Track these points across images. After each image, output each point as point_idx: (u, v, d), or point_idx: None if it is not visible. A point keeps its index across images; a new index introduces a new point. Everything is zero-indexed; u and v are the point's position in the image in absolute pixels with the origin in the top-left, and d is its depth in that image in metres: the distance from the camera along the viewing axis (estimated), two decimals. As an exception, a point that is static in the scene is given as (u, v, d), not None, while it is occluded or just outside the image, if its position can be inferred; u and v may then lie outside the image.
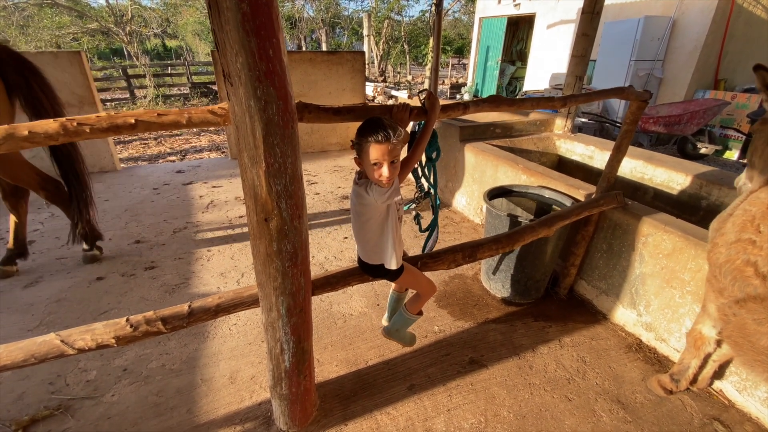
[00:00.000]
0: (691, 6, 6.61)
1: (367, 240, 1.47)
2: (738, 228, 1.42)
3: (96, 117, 1.07)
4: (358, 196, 1.39)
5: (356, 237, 1.51)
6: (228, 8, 0.91)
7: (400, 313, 1.78)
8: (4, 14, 13.94)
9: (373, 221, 1.42)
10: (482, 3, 11.80)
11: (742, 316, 1.42)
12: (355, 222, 1.47)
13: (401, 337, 1.85)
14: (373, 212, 1.39)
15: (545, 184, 2.70)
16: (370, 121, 1.28)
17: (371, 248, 1.48)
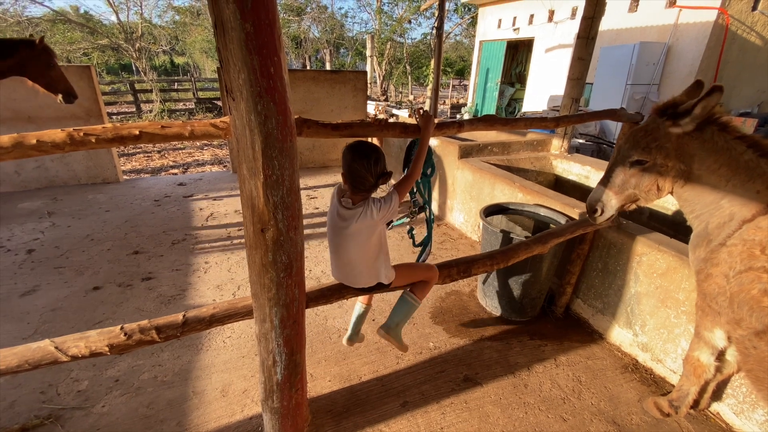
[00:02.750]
0: (685, 33, 6.80)
1: (361, 263, 1.46)
2: (746, 257, 1.38)
3: (102, 128, 1.11)
4: (352, 218, 1.40)
5: (345, 265, 1.48)
6: (232, 28, 0.96)
7: (402, 301, 1.70)
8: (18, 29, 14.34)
9: (374, 240, 1.44)
10: (482, 27, 12.14)
11: (762, 349, 1.37)
12: (350, 247, 1.43)
13: (399, 336, 1.79)
14: (372, 231, 1.42)
15: (541, 202, 2.73)
16: None
17: (367, 271, 1.49)
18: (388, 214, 1.41)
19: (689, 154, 1.52)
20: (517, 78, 12.70)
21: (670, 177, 1.58)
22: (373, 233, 1.43)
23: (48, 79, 3.58)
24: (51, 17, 14.27)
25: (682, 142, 1.52)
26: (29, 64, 3.47)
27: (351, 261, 1.47)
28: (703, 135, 1.48)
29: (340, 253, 1.47)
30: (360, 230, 1.41)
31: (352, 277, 1.51)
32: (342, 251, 1.47)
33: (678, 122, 1.49)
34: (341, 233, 1.44)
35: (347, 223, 1.42)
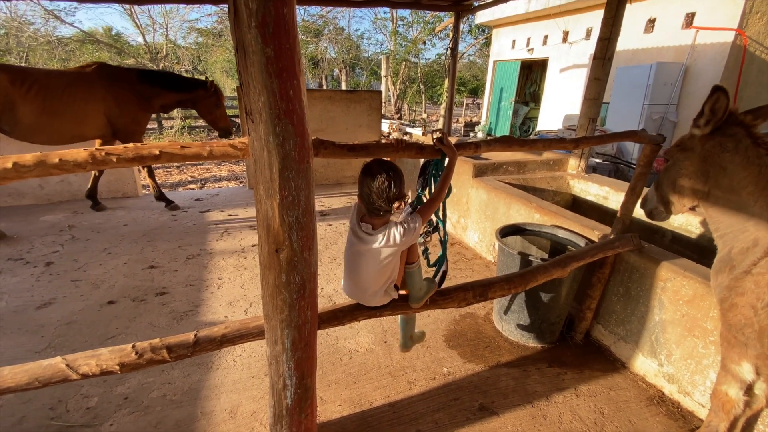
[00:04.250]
0: (703, 53, 6.74)
1: (377, 285, 1.45)
2: None
3: (123, 147, 1.13)
4: (372, 242, 1.39)
5: (360, 286, 1.47)
6: (254, 52, 0.97)
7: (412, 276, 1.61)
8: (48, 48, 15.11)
9: (393, 263, 1.43)
10: (496, 47, 12.28)
11: None
12: (369, 270, 1.42)
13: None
14: (393, 256, 1.41)
15: (559, 223, 2.67)
16: None
17: (382, 292, 1.47)
18: (410, 239, 1.39)
19: (718, 164, 1.47)
20: (531, 97, 12.72)
21: (690, 181, 1.55)
22: (393, 258, 1.41)
23: (213, 116, 4.33)
24: (80, 37, 15.01)
25: (711, 151, 1.48)
26: (201, 102, 4.23)
27: (367, 283, 1.45)
28: (736, 147, 1.42)
29: (357, 273, 1.45)
30: (379, 254, 1.39)
31: (368, 297, 1.49)
32: (358, 272, 1.45)
33: (697, 123, 1.49)
34: (359, 255, 1.43)
35: (366, 247, 1.40)
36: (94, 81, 3.85)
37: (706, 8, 6.63)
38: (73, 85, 3.72)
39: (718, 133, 1.45)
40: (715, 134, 1.46)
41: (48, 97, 3.57)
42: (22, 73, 3.53)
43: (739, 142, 1.40)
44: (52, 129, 3.69)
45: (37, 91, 3.51)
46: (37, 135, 3.65)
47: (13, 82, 3.42)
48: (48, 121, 3.62)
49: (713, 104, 1.42)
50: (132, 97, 3.99)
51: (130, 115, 4.03)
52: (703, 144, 1.49)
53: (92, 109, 3.82)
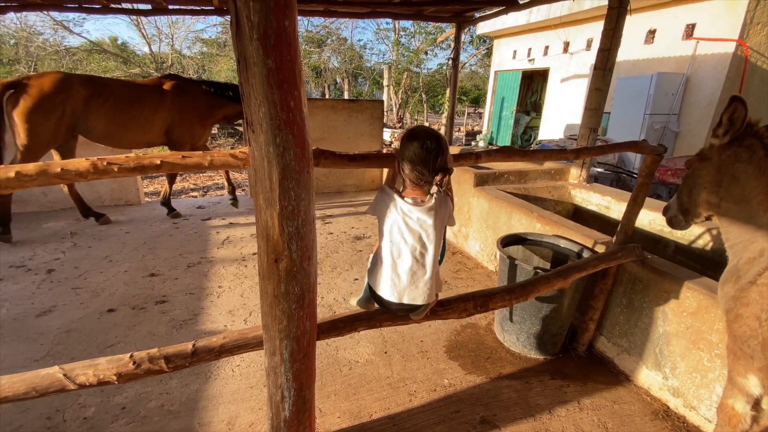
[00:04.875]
0: (703, 64, 6.77)
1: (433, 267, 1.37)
2: None
3: (125, 157, 1.13)
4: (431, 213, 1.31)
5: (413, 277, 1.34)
6: (255, 63, 0.98)
7: None
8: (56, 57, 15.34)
9: (438, 241, 1.37)
10: (498, 58, 12.38)
11: None
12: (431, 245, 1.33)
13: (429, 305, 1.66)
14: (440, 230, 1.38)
15: (561, 233, 2.66)
16: None
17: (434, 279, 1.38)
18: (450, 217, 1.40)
19: (731, 174, 1.48)
20: (532, 106, 12.79)
21: (706, 191, 1.56)
22: (441, 231, 1.38)
23: None
24: (88, 47, 15.24)
25: (726, 160, 1.48)
26: None
27: (427, 264, 1.35)
28: (750, 157, 1.43)
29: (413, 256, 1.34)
30: (436, 224, 1.33)
31: (422, 286, 1.36)
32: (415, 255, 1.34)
33: (715, 132, 1.50)
34: (415, 233, 1.33)
35: (423, 218, 1.31)
36: (163, 93, 4.13)
37: (706, 19, 6.68)
38: (144, 96, 4.04)
39: (734, 144, 1.46)
40: (732, 144, 1.47)
41: (119, 109, 3.90)
42: (100, 86, 3.86)
43: (754, 152, 1.41)
44: (120, 137, 4.03)
45: (111, 102, 3.84)
46: (108, 140, 4.02)
47: (91, 94, 3.77)
48: (117, 130, 3.96)
49: (731, 114, 1.43)
50: (195, 109, 4.26)
51: (187, 126, 4.27)
52: (719, 154, 1.50)
53: (158, 119, 4.10)
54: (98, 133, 3.91)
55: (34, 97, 3.50)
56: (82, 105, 3.72)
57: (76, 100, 3.69)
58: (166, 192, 4.67)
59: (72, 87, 3.67)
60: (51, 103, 3.56)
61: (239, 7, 0.94)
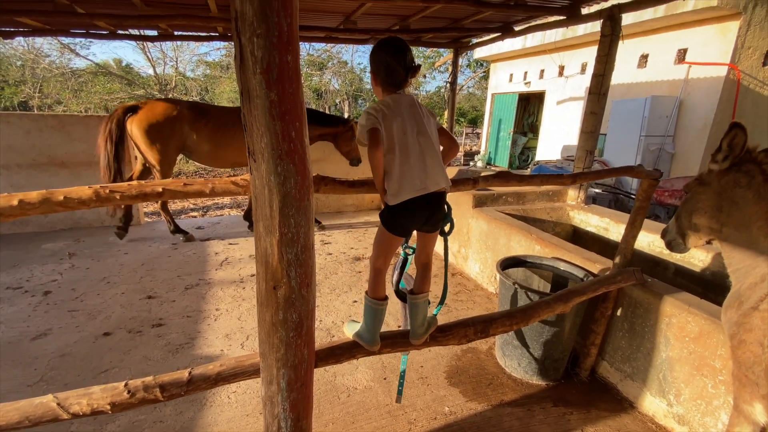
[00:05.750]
0: (696, 87, 6.93)
1: (434, 158, 1.41)
2: None
3: (127, 185, 1.15)
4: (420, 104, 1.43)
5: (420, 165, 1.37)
6: (258, 96, 1.01)
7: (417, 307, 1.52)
8: (62, 79, 15.63)
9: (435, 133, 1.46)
10: (494, 80, 12.66)
11: None
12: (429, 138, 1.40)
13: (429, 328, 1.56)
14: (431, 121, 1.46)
15: (560, 255, 2.66)
16: None
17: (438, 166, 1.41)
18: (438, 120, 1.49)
19: (731, 199, 1.49)
20: (529, 128, 12.99)
21: (706, 215, 1.57)
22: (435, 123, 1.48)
23: (347, 149, 4.91)
24: (93, 69, 15.56)
25: (725, 186, 1.50)
26: (340, 137, 4.81)
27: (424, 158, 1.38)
28: (749, 183, 1.45)
29: (428, 140, 1.40)
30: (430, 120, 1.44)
31: (431, 175, 1.37)
32: (428, 138, 1.40)
33: (715, 158, 1.52)
34: (420, 116, 1.41)
35: (416, 102, 1.42)
36: None
37: (697, 44, 6.88)
38: (239, 120, 4.36)
39: (734, 169, 1.48)
40: (731, 170, 1.49)
41: (219, 131, 4.28)
42: (204, 111, 4.31)
43: (753, 178, 1.43)
44: (220, 156, 4.39)
45: (212, 126, 4.24)
46: (209, 160, 4.41)
47: (196, 118, 4.19)
48: (216, 151, 4.33)
49: (731, 140, 1.46)
50: None
51: None
52: (719, 179, 1.52)
53: None
54: (201, 153, 4.31)
55: (150, 120, 3.99)
56: (189, 127, 4.16)
57: (184, 122, 4.13)
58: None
59: (181, 111, 4.13)
60: (164, 125, 4.04)
61: (243, 42, 0.98)
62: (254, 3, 0.94)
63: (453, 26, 4.86)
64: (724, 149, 1.50)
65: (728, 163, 1.50)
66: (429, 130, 1.41)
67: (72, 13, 3.71)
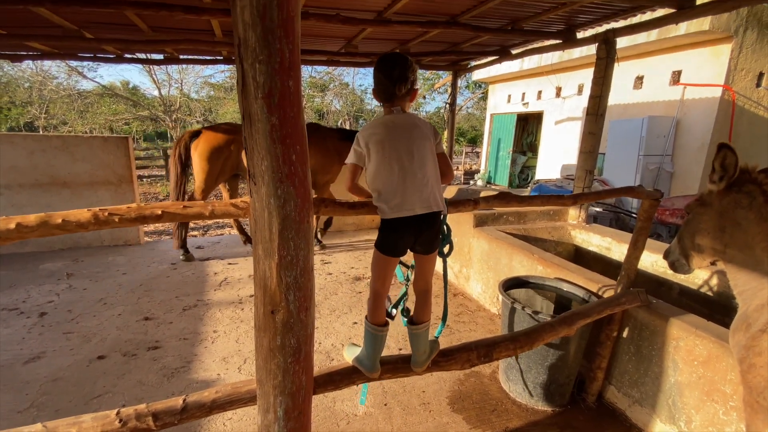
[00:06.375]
0: (692, 107, 7.03)
1: (426, 179, 1.40)
2: None
3: (126, 207, 1.14)
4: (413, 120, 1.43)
5: (412, 185, 1.37)
6: (259, 120, 1.02)
7: (418, 337, 1.49)
8: (68, 100, 15.93)
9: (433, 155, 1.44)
10: (493, 101, 12.88)
11: None
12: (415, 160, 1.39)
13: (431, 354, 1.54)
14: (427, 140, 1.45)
15: (563, 276, 2.63)
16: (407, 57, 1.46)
17: (427, 187, 1.39)
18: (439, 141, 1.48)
19: (733, 220, 1.48)
20: (528, 147, 13.12)
21: (709, 236, 1.55)
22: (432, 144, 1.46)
23: None
24: (99, 91, 15.87)
25: (726, 207, 1.49)
26: None
27: (415, 178, 1.38)
28: (750, 204, 1.44)
29: (408, 170, 1.38)
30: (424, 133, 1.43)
31: (424, 195, 1.38)
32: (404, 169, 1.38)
33: (711, 179, 1.52)
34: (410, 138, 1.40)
35: (412, 123, 1.42)
36: None
37: (691, 66, 7.03)
38: None
39: (734, 190, 1.48)
40: (731, 190, 1.48)
41: None
42: None
43: (754, 199, 1.42)
44: None
45: None
46: None
47: None
48: None
49: (722, 161, 1.46)
50: (332, 152, 4.71)
51: (326, 167, 4.72)
52: (720, 200, 1.52)
53: None
54: None
55: (209, 143, 4.29)
56: (237, 150, 4.35)
57: (240, 145, 4.27)
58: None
59: (238, 133, 4.33)
60: (220, 148, 4.32)
61: (246, 68, 0.99)
62: (257, 30, 0.96)
63: (451, 50, 4.97)
64: (717, 170, 1.50)
65: (725, 184, 1.50)
66: (420, 152, 1.41)
67: (80, 38, 3.81)
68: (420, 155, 1.40)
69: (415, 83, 1.45)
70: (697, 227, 1.63)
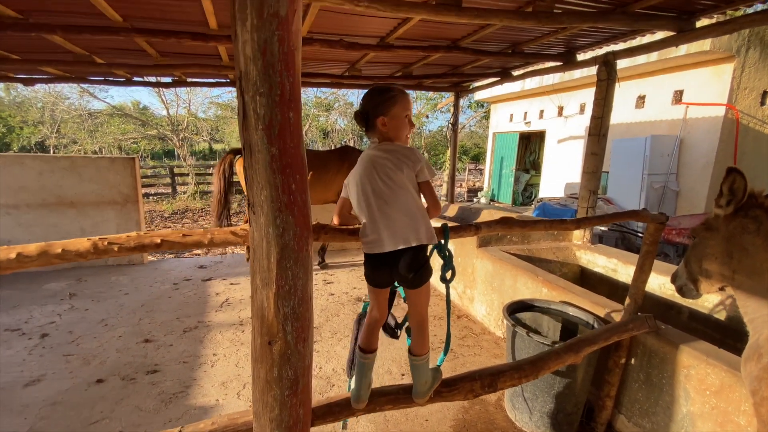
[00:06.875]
0: (695, 126, 7.03)
1: (398, 214, 1.34)
2: None
3: (126, 236, 1.14)
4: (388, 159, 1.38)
5: (382, 222, 1.33)
6: (259, 150, 1.02)
7: (417, 368, 1.45)
8: (79, 120, 16.31)
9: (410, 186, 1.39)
10: (495, 120, 12.99)
11: None
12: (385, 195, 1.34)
13: (433, 385, 1.49)
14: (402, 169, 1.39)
15: (568, 299, 2.58)
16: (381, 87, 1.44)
17: (405, 221, 1.33)
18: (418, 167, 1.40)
19: (741, 246, 1.45)
20: (531, 165, 13.15)
21: (716, 262, 1.52)
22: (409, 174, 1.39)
23: None
24: (109, 111, 16.26)
25: (733, 232, 1.47)
26: None
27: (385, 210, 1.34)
28: (758, 229, 1.41)
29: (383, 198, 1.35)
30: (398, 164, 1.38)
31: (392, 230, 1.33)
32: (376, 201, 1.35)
33: (718, 203, 1.50)
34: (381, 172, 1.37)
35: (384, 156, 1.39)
36: (338, 159, 4.85)
37: (693, 86, 7.06)
38: (329, 163, 4.80)
39: (741, 214, 1.46)
40: (738, 215, 1.46)
41: (311, 173, 4.68)
42: None
43: (761, 224, 1.40)
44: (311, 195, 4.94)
45: None
46: None
47: None
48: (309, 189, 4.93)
49: (731, 185, 1.45)
50: None
51: None
52: (726, 224, 1.49)
53: (337, 181, 4.78)
54: None
55: None
56: None
57: None
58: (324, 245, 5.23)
59: None
60: None
61: (246, 101, 1.00)
62: (258, 64, 0.97)
63: (453, 72, 5.06)
64: (726, 194, 1.48)
65: (732, 208, 1.48)
66: (391, 187, 1.36)
67: (91, 63, 3.92)
68: (391, 190, 1.35)
69: (377, 111, 1.41)
70: (703, 252, 1.60)
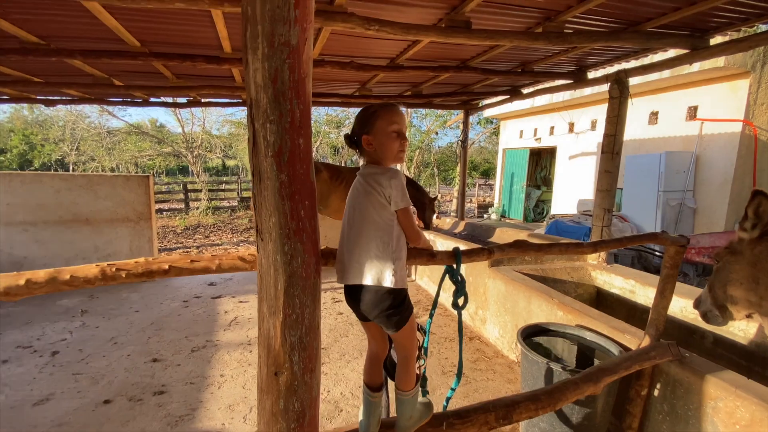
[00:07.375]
0: (711, 143, 6.90)
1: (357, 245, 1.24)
2: None
3: (134, 262, 1.14)
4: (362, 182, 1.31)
5: (347, 251, 1.27)
6: (268, 177, 1.01)
7: (402, 403, 1.35)
8: (98, 138, 16.82)
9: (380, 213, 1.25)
10: (505, 137, 12.98)
11: None
12: (355, 224, 1.27)
13: (419, 420, 1.37)
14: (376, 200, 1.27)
15: (584, 323, 2.49)
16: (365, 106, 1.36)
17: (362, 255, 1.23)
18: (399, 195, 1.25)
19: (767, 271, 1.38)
20: (542, 181, 13.03)
21: (742, 287, 1.45)
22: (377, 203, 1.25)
23: (425, 217, 5.36)
24: (127, 129, 16.76)
25: (759, 256, 1.41)
26: (424, 208, 5.29)
27: (360, 231, 1.27)
28: None
29: (352, 227, 1.29)
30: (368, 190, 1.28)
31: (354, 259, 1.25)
32: (354, 223, 1.28)
33: (743, 226, 1.45)
34: (356, 198, 1.32)
35: (361, 180, 1.32)
36: None
37: (708, 101, 6.96)
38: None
39: (766, 238, 1.40)
40: (763, 239, 1.40)
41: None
42: (336, 170, 4.78)
43: None
44: None
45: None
46: (337, 214, 4.71)
47: (331, 177, 4.63)
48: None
49: (756, 208, 1.40)
50: None
51: None
52: (752, 249, 1.43)
53: None
54: (332, 207, 4.70)
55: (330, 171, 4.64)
56: (327, 186, 4.61)
57: (323, 182, 4.58)
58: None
59: (320, 171, 4.60)
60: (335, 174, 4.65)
61: (257, 128, 1.00)
62: (268, 92, 0.97)
63: (463, 90, 5.09)
64: (751, 217, 1.43)
65: (758, 232, 1.42)
66: (361, 214, 1.28)
67: (110, 85, 4.05)
68: (361, 217, 1.27)
69: (362, 131, 1.33)
70: (728, 277, 1.53)
